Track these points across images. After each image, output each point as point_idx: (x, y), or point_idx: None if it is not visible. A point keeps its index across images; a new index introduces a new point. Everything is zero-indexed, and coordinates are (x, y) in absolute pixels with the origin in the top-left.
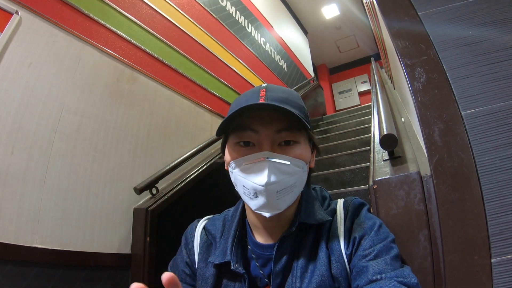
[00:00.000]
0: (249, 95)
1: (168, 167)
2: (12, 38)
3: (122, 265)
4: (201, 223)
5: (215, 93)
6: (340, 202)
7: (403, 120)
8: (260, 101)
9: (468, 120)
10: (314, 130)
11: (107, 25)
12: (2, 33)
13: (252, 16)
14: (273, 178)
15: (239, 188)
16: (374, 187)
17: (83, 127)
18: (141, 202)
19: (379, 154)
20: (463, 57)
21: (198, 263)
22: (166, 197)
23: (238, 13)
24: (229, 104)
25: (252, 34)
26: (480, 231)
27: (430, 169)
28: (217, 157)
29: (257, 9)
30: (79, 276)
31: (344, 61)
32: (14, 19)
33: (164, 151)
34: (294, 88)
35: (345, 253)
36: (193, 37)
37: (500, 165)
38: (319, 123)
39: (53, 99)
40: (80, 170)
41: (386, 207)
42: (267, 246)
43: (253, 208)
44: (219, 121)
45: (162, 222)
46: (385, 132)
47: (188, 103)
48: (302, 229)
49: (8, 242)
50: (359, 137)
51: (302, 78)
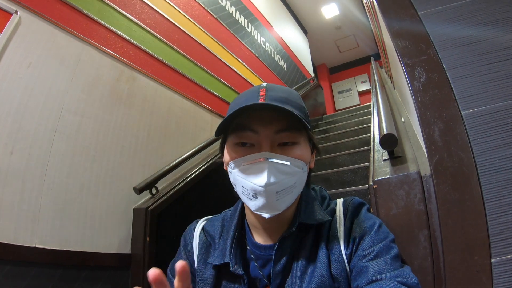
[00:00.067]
0: (249, 95)
1: (168, 167)
2: (12, 38)
3: (122, 265)
4: (200, 224)
5: (215, 93)
6: (340, 202)
7: (403, 120)
8: (260, 101)
9: (468, 120)
10: (314, 130)
11: (107, 25)
12: (2, 33)
13: (252, 16)
14: (273, 179)
15: (238, 189)
16: (374, 187)
17: (83, 127)
18: (141, 202)
19: (379, 154)
20: (463, 57)
21: (197, 264)
22: (166, 197)
23: (238, 13)
24: (229, 104)
25: (252, 34)
26: (480, 231)
27: (430, 169)
28: (217, 157)
29: (257, 9)
30: (79, 276)
31: (344, 61)
32: (14, 19)
33: (164, 151)
34: (294, 88)
35: (345, 253)
36: (193, 37)
37: (500, 165)
38: (319, 123)
39: (53, 99)
40: (80, 170)
41: (386, 207)
42: (267, 247)
43: (253, 209)
44: (219, 121)
45: (162, 222)
46: (385, 132)
47: (188, 103)
48: (302, 230)
49: (8, 242)
50: (359, 137)
51: (302, 78)
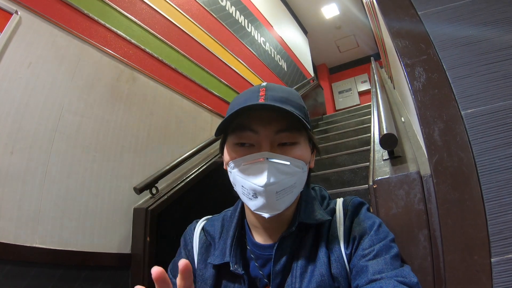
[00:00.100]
0: (249, 95)
1: (168, 167)
2: (12, 38)
3: (122, 265)
4: (200, 224)
5: (215, 93)
6: (340, 202)
7: (403, 120)
8: (260, 101)
9: (468, 120)
10: (314, 130)
11: (107, 25)
12: (2, 33)
13: (252, 16)
14: (273, 179)
15: (238, 189)
16: (374, 187)
17: (83, 127)
18: (141, 202)
19: (379, 154)
20: (463, 57)
21: (198, 264)
22: (166, 197)
23: (238, 13)
24: (229, 104)
25: (252, 34)
26: (480, 231)
27: (430, 169)
28: (217, 157)
29: (257, 9)
30: (79, 276)
31: (344, 61)
32: (14, 19)
33: (164, 151)
34: (294, 88)
35: (345, 253)
36: (193, 37)
37: (500, 165)
38: (319, 123)
39: (53, 99)
40: (80, 170)
41: (386, 207)
42: (267, 246)
43: (252, 209)
44: (219, 121)
45: (162, 222)
46: (385, 132)
47: (188, 103)
48: (302, 229)
49: (8, 242)
50: (359, 137)
51: (302, 78)
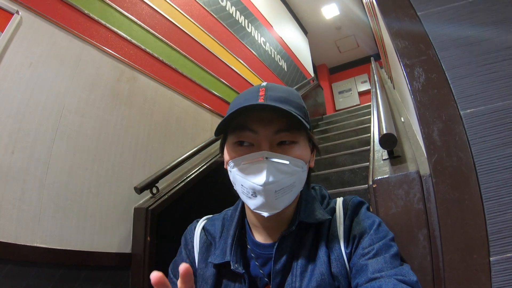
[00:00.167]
0: (249, 94)
1: (168, 167)
2: (13, 38)
3: (122, 265)
4: (200, 224)
5: (215, 93)
6: (340, 201)
7: (403, 120)
8: (260, 101)
9: (467, 120)
10: (314, 130)
11: (108, 25)
12: (3, 33)
13: (252, 16)
14: (272, 178)
15: (238, 188)
16: (374, 186)
17: (84, 127)
18: (142, 202)
19: (379, 154)
20: (462, 57)
21: (198, 263)
22: (167, 197)
23: (238, 13)
24: (229, 104)
25: (252, 34)
26: (479, 230)
27: (429, 169)
28: (217, 157)
29: (257, 9)
30: (79, 276)
31: (344, 61)
32: (15, 19)
33: (164, 151)
34: (294, 88)
35: (345, 252)
36: (193, 37)
37: (499, 165)
38: (319, 123)
39: (54, 99)
40: (81, 170)
41: (386, 206)
42: (267, 246)
43: (252, 208)
44: (219, 121)
45: (163, 222)
46: (385, 132)
47: (188, 103)
48: (302, 228)
49: (8, 242)
50: (359, 137)
51: (302, 78)
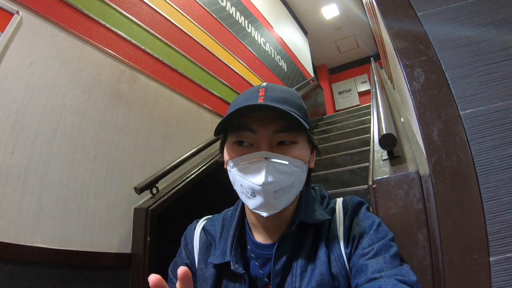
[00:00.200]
0: (248, 95)
1: (168, 167)
2: (13, 38)
3: (122, 265)
4: (200, 224)
5: (215, 93)
6: (339, 201)
7: (403, 120)
8: (259, 101)
9: (467, 120)
10: (314, 130)
11: (108, 25)
12: (3, 33)
13: (252, 17)
14: (271, 178)
15: (237, 187)
16: (374, 187)
17: (84, 127)
18: (142, 202)
19: (379, 154)
20: (462, 58)
21: (198, 264)
22: (167, 197)
23: (238, 13)
24: (229, 104)
25: (252, 34)
26: (479, 230)
27: (429, 169)
28: (217, 157)
29: (257, 9)
30: (79, 276)
31: (344, 61)
32: (15, 19)
33: (164, 151)
34: (294, 88)
35: (345, 252)
36: (193, 37)
37: (499, 165)
38: (319, 123)
39: (54, 99)
40: (81, 170)
41: (385, 207)
42: (267, 246)
43: (251, 208)
44: (219, 121)
45: (162, 222)
46: (384, 132)
47: (188, 103)
48: (302, 229)
49: (9, 242)
50: (359, 137)
51: (302, 78)
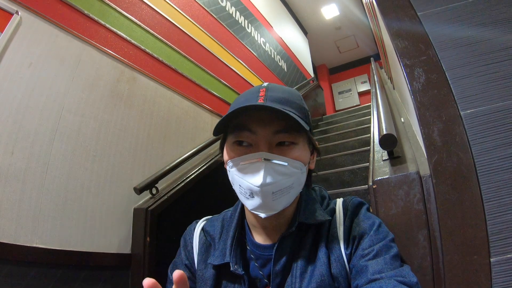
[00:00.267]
0: (249, 95)
1: (168, 167)
2: (13, 38)
3: (122, 265)
4: (200, 224)
5: (215, 93)
6: (339, 202)
7: (403, 120)
8: (259, 101)
9: (467, 120)
10: (314, 130)
11: (107, 25)
12: (3, 33)
13: (252, 17)
14: (269, 179)
15: (236, 187)
16: (374, 187)
17: (83, 127)
18: (141, 202)
19: (379, 154)
20: (462, 57)
21: (198, 265)
22: (166, 197)
23: (238, 13)
24: (229, 104)
25: (252, 34)
26: (479, 231)
27: (430, 169)
28: (217, 157)
29: (257, 10)
30: (79, 276)
31: (344, 61)
32: (15, 19)
33: (164, 151)
34: (294, 88)
35: (345, 253)
36: (193, 37)
37: (499, 165)
38: (319, 123)
39: (53, 99)
40: (80, 170)
41: (386, 207)
42: (266, 247)
43: (249, 208)
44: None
45: (162, 222)
46: (385, 132)
47: (188, 103)
48: (302, 229)
49: (8, 242)
50: (359, 137)
51: (302, 78)
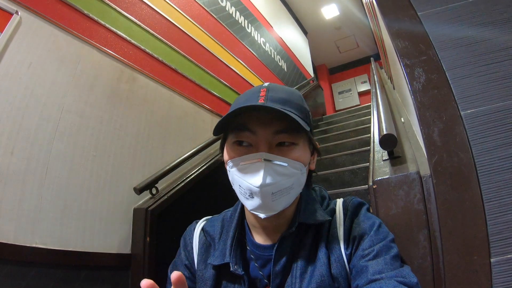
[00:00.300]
0: (250, 95)
1: (168, 167)
2: (12, 38)
3: (122, 265)
4: (200, 225)
5: (215, 93)
6: (340, 202)
7: (403, 120)
8: (260, 102)
9: (468, 120)
10: (314, 130)
11: (107, 25)
12: (2, 33)
13: (252, 16)
14: (269, 180)
15: (236, 187)
16: (374, 187)
17: (83, 127)
18: (141, 202)
19: (379, 154)
20: (463, 57)
21: (198, 265)
22: (166, 197)
23: (238, 13)
24: (229, 104)
25: (252, 34)
26: (480, 231)
27: (430, 169)
28: (218, 157)
29: (257, 9)
30: (79, 276)
31: (344, 61)
32: (14, 19)
33: (164, 151)
34: (294, 88)
35: (345, 253)
36: (193, 37)
37: (499, 165)
38: (319, 123)
39: (53, 99)
40: (80, 170)
41: (386, 207)
42: (266, 247)
43: (249, 208)
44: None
45: (162, 222)
46: (385, 132)
47: (188, 103)
48: (302, 229)
49: (8, 242)
50: (359, 137)
51: (302, 78)
